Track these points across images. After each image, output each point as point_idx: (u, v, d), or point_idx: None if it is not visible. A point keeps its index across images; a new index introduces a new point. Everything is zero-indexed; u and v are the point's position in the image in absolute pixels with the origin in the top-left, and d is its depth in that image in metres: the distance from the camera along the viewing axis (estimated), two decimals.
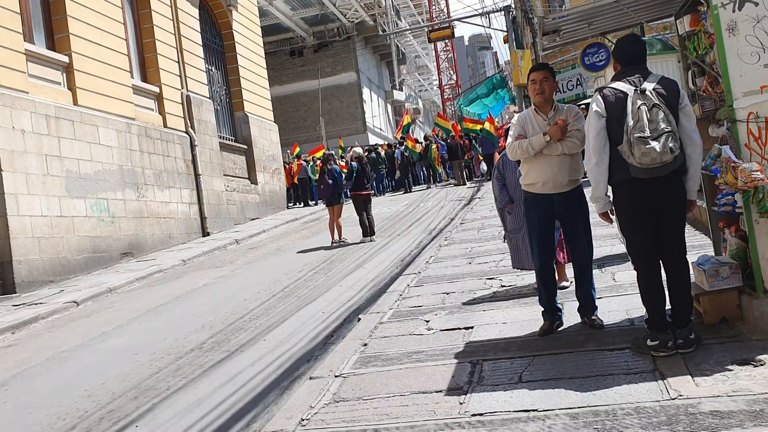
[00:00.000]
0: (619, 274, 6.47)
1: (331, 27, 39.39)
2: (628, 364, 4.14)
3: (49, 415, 5.17)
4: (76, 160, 12.98)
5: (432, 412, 3.87)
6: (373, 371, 4.78)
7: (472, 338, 5.22)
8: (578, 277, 5.12)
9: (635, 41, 4.45)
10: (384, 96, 46.75)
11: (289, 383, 5.16)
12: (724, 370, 3.79)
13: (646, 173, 3.98)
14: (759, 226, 4.14)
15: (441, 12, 56.65)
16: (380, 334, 5.78)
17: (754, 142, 4.12)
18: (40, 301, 10.15)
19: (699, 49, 4.91)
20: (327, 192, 13.18)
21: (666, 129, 3.92)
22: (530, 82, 5.07)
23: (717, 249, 5.13)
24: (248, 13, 22.27)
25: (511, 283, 6.98)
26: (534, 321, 5.29)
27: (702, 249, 6.15)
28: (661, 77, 4.18)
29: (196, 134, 17.49)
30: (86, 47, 13.71)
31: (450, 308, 6.31)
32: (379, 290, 8.09)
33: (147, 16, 16.50)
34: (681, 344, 4.12)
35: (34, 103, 12.07)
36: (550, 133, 4.88)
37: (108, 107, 14.22)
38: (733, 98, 4.14)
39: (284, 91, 37.07)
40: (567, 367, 4.27)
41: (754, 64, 4.09)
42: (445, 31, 29.89)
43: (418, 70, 58.52)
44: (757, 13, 4.06)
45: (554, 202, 4.99)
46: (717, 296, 4.51)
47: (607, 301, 5.52)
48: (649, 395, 3.63)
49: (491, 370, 4.41)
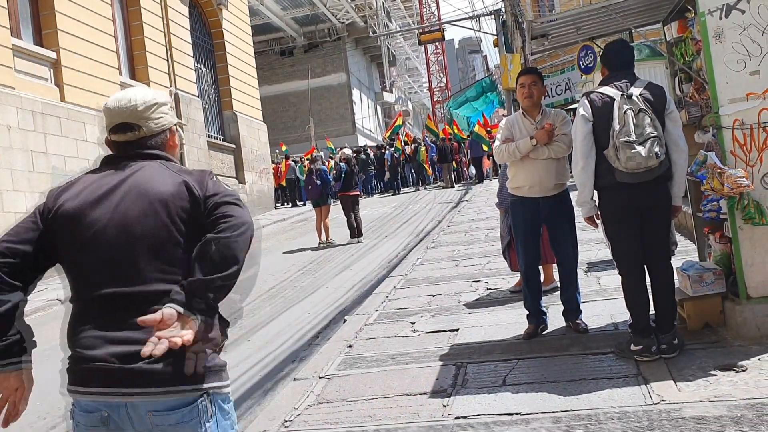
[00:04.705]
0: (604, 279, 6.49)
1: (321, 27, 39.36)
2: (611, 369, 4.16)
3: (30, 414, 5.10)
4: (63, 157, 12.89)
5: (416, 415, 3.86)
6: (357, 373, 4.77)
7: (457, 341, 5.22)
8: (563, 281, 5.13)
9: (623, 47, 4.47)
10: (374, 97, 46.76)
11: (272, 384, 5.14)
12: (706, 375, 3.81)
13: (631, 178, 3.99)
14: (743, 233, 4.17)
15: (432, 15, 56.68)
16: (366, 335, 5.77)
17: (739, 148, 4.15)
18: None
19: (686, 55, 4.94)
20: (315, 193, 13.15)
21: (652, 134, 3.94)
22: (519, 85, 5.09)
23: (701, 255, 5.16)
24: (238, 12, 22.22)
25: (497, 286, 6.99)
26: (519, 324, 5.29)
27: (686, 254, 6.18)
28: (648, 83, 4.20)
29: (184, 133, 17.31)
30: (74, 43, 13.62)
31: (436, 310, 6.30)
32: (365, 292, 8.07)
33: (136, 13, 16.42)
34: (664, 349, 4.14)
35: (21, 98, 11.97)
36: (537, 137, 4.89)
37: (95, 104, 14.11)
38: (719, 105, 4.17)
39: (274, 91, 36.97)
40: (551, 371, 4.28)
41: (740, 72, 4.12)
42: (436, 34, 29.86)
43: (408, 72, 58.63)
44: (744, 21, 4.09)
45: (540, 206, 5.00)
46: (701, 302, 4.54)
47: (591, 305, 5.54)
48: (632, 400, 3.64)
49: (475, 373, 4.41)
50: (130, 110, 2.07)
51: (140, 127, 2.08)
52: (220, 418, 1.94)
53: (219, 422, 1.93)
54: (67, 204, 1.98)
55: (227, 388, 1.99)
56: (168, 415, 1.86)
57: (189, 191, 1.96)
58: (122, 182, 2.00)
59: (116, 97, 2.13)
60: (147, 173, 2.01)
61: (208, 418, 1.89)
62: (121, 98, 2.11)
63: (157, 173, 2.01)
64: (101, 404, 1.89)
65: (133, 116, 2.07)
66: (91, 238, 1.94)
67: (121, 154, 2.09)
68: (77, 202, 1.98)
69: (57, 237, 1.98)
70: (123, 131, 2.08)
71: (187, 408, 1.87)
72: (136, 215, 1.93)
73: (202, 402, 1.89)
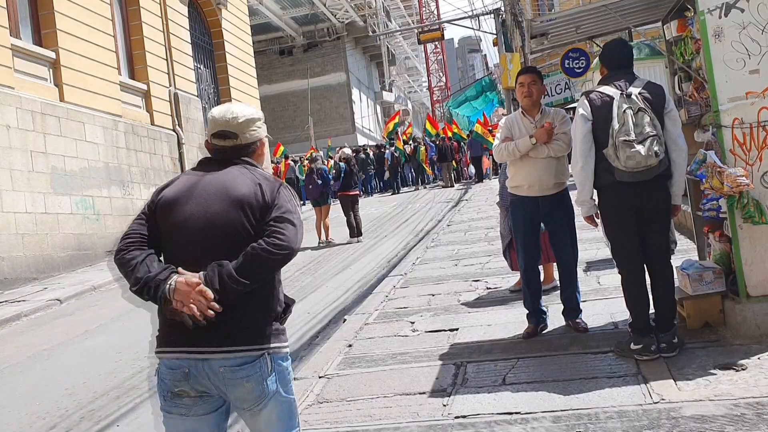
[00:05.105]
0: (603, 278, 6.49)
1: (321, 27, 39.35)
2: (611, 368, 4.15)
3: (29, 414, 5.11)
4: (62, 157, 12.88)
5: (415, 414, 3.86)
6: (357, 372, 4.77)
7: (456, 340, 5.22)
8: (563, 280, 5.13)
9: (622, 46, 4.47)
10: (373, 97, 46.75)
11: None
12: (706, 374, 3.81)
13: (631, 177, 3.99)
14: (743, 231, 4.17)
15: (431, 14, 56.74)
16: (365, 335, 5.76)
17: (739, 147, 4.15)
18: (23, 298, 10.06)
19: (685, 54, 4.93)
20: (314, 192, 13.14)
21: (651, 133, 3.93)
22: (518, 85, 5.09)
23: (701, 254, 5.16)
24: (238, 11, 22.21)
25: (497, 285, 6.99)
26: (519, 323, 5.29)
27: (686, 253, 6.18)
28: (647, 82, 4.20)
29: (183, 132, 17.41)
30: (73, 43, 13.61)
31: (435, 310, 6.30)
32: (365, 291, 8.07)
33: (136, 13, 16.40)
34: (664, 348, 4.14)
35: (20, 98, 11.96)
36: (537, 136, 4.88)
37: (95, 104, 14.13)
38: (718, 104, 4.16)
39: (273, 91, 36.96)
40: (551, 370, 4.27)
41: (739, 70, 4.11)
42: (435, 33, 29.83)
43: (408, 71, 58.63)
44: (743, 20, 4.08)
45: (540, 205, 5.00)
46: (700, 301, 4.54)
47: (591, 304, 5.53)
48: (632, 399, 3.64)
49: (475, 372, 4.40)
50: (232, 122, 2.51)
51: (237, 136, 2.52)
52: (278, 373, 2.41)
53: (278, 377, 2.40)
54: (165, 196, 2.48)
55: (285, 349, 2.47)
56: (236, 371, 2.32)
57: (262, 195, 2.39)
58: (210, 181, 2.45)
59: (221, 109, 2.56)
60: (231, 176, 2.45)
61: (268, 374, 2.37)
62: (225, 110, 2.55)
63: (239, 176, 2.44)
64: (183, 361, 2.35)
65: (233, 127, 2.51)
66: (180, 224, 2.41)
67: (218, 156, 2.55)
68: (172, 195, 2.47)
69: (158, 222, 2.46)
70: (223, 138, 2.53)
71: (251, 365, 2.34)
72: (215, 210, 2.38)
73: (263, 360, 2.36)
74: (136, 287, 2.33)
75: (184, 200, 2.43)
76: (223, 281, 2.26)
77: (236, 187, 2.40)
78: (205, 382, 2.35)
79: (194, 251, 2.36)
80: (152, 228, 2.47)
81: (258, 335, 2.37)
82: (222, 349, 2.32)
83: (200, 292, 2.24)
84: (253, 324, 2.37)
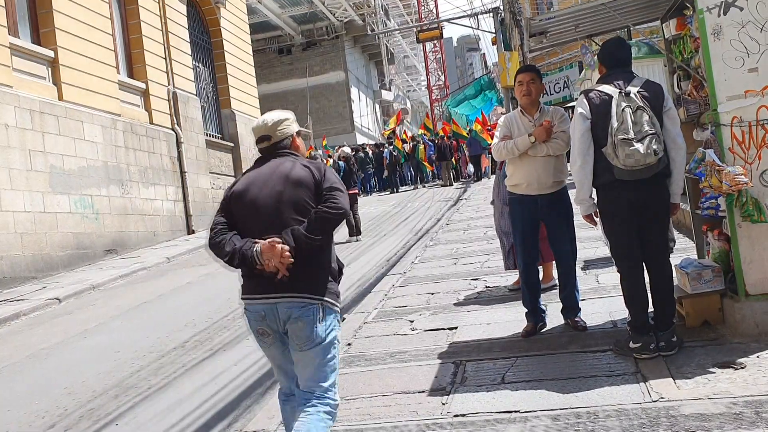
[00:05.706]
0: (602, 276, 6.49)
1: (319, 26, 39.28)
2: (610, 366, 4.16)
3: (28, 413, 5.11)
4: (61, 156, 12.87)
5: (414, 413, 3.86)
6: (356, 371, 4.77)
7: (455, 339, 5.22)
8: (562, 278, 5.13)
9: (620, 44, 4.47)
10: (372, 96, 46.70)
11: (271, 382, 5.12)
12: (705, 372, 3.81)
13: (630, 175, 3.99)
14: (741, 230, 4.17)
15: (430, 13, 56.66)
16: (364, 333, 5.76)
17: (738, 146, 4.14)
18: (22, 297, 10.05)
19: (684, 52, 4.93)
20: None
21: (650, 131, 3.93)
22: (517, 83, 5.08)
23: (700, 252, 5.16)
24: (236, 10, 22.17)
25: (496, 284, 6.99)
26: (518, 322, 5.29)
27: (685, 252, 6.18)
28: (646, 80, 4.20)
29: (182, 131, 17.39)
30: (72, 42, 13.59)
31: (434, 308, 6.30)
32: (364, 290, 8.07)
33: (134, 12, 16.37)
34: (663, 347, 4.14)
35: (19, 97, 11.94)
36: (535, 135, 4.88)
37: (93, 103, 14.10)
38: (717, 102, 4.16)
39: (272, 89, 36.89)
40: (549, 369, 4.28)
41: (738, 69, 4.11)
42: (434, 32, 29.80)
43: (407, 70, 58.55)
44: (742, 18, 4.08)
45: (538, 204, 5.00)
46: (699, 299, 4.54)
47: (590, 302, 5.54)
48: (631, 397, 3.64)
49: (474, 371, 4.41)
50: (265, 127, 3.25)
51: (271, 137, 3.25)
52: (327, 322, 3.07)
53: (326, 324, 3.07)
54: (236, 189, 3.19)
55: (336, 307, 3.15)
56: (294, 311, 3.02)
57: (313, 175, 3.11)
58: (270, 171, 3.17)
59: (258, 120, 3.31)
60: (285, 165, 3.17)
61: (320, 320, 3.04)
62: (260, 120, 3.30)
63: (291, 164, 3.17)
64: (259, 306, 3.08)
65: (266, 130, 3.25)
66: (251, 205, 3.11)
67: (265, 155, 3.27)
68: (241, 187, 3.18)
69: (233, 209, 3.17)
70: (262, 141, 3.27)
71: (306, 308, 3.02)
72: (280, 189, 3.09)
73: (316, 307, 3.04)
74: (227, 257, 3.04)
75: (252, 187, 3.13)
76: (298, 240, 2.95)
77: (293, 171, 3.11)
78: (275, 322, 3.05)
79: (265, 224, 3.03)
80: (229, 216, 3.16)
81: (315, 288, 3.05)
82: (286, 295, 3.01)
83: (281, 250, 2.92)
84: (313, 279, 3.06)
